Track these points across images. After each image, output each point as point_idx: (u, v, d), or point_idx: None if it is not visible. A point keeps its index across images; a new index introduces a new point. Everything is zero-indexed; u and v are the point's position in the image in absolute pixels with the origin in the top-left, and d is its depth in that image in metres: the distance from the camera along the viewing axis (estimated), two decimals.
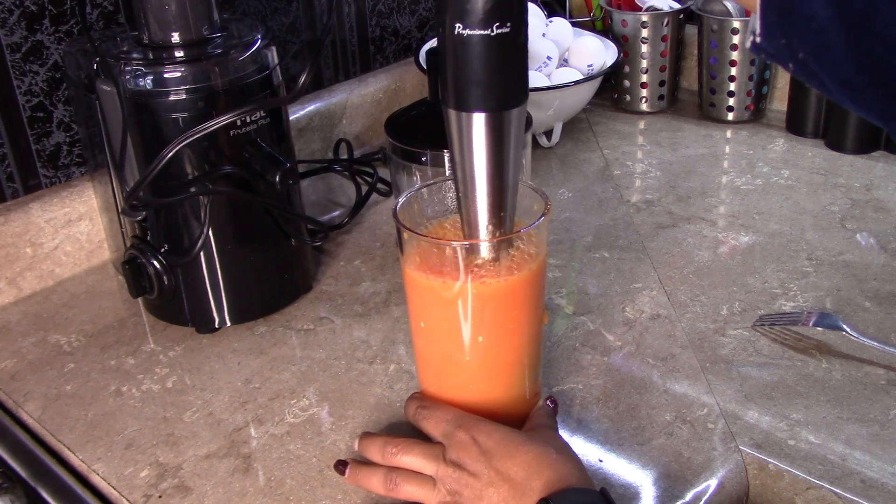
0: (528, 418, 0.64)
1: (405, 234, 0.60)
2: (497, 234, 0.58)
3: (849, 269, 0.86)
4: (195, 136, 0.69)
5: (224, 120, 0.70)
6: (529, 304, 0.61)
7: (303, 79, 0.67)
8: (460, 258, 0.59)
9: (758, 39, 0.43)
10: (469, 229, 0.59)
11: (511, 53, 0.53)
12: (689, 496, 0.63)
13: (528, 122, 0.84)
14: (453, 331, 0.61)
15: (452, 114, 0.55)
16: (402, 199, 0.63)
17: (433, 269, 0.59)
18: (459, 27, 0.51)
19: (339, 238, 0.96)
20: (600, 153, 1.14)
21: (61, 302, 0.88)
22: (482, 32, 0.51)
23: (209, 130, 0.69)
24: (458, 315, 0.60)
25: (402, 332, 0.80)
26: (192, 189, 0.74)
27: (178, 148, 0.69)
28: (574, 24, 1.20)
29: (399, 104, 1.16)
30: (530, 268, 0.60)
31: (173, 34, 0.74)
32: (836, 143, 1.11)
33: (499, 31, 0.51)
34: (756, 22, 0.42)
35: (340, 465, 0.63)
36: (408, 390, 0.73)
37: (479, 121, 0.54)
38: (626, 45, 1.20)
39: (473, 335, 0.61)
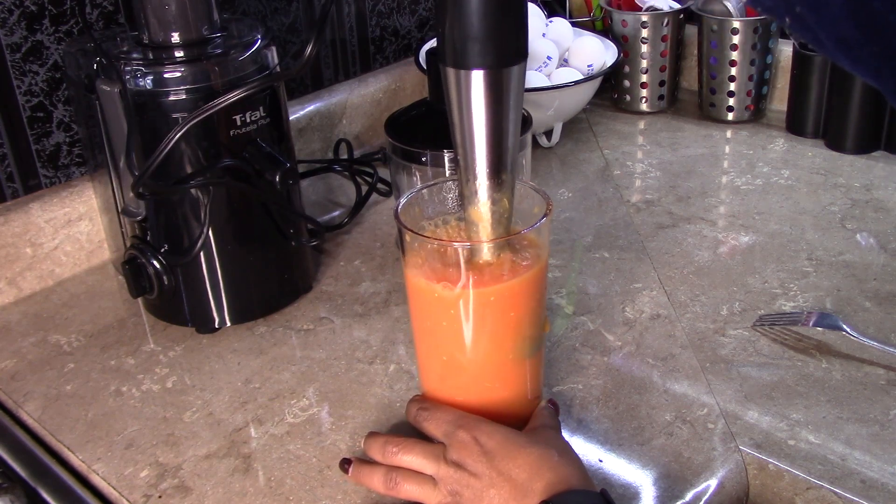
0: (532, 418, 0.64)
1: (407, 236, 0.60)
2: (497, 207, 0.58)
3: (849, 269, 0.86)
4: (205, 114, 0.68)
5: (235, 95, 0.69)
6: (531, 304, 0.61)
7: (308, 49, 0.64)
8: (462, 259, 0.59)
9: None
10: (468, 192, 0.58)
11: (508, 8, 0.52)
12: (689, 496, 0.63)
13: (528, 122, 0.84)
14: (455, 331, 0.61)
15: (451, 72, 0.54)
16: (403, 200, 0.63)
17: (435, 269, 0.59)
18: None
19: (339, 238, 0.96)
20: (600, 153, 1.14)
21: (61, 302, 0.88)
22: None
23: (220, 107, 0.68)
24: (459, 315, 0.60)
25: (402, 332, 0.80)
26: (195, 182, 0.74)
27: (187, 126, 0.68)
28: (574, 24, 1.20)
29: (399, 104, 1.16)
30: (532, 268, 0.60)
31: (173, 34, 0.74)
32: (836, 143, 1.11)
33: None
34: None
35: (345, 464, 0.63)
36: (408, 390, 0.73)
37: (478, 78, 0.54)
38: (626, 45, 1.20)
39: (475, 336, 0.61)
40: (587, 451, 0.66)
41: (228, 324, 0.81)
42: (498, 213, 0.58)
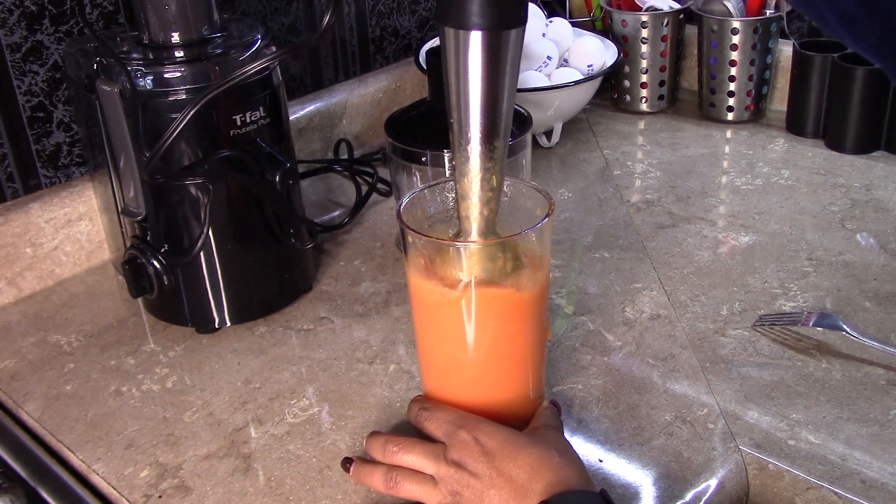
0: (535, 417, 0.64)
1: (409, 236, 0.60)
2: (487, 179, 0.57)
3: (849, 269, 0.86)
4: (215, 92, 0.67)
5: (254, 67, 0.66)
6: (534, 303, 0.61)
7: (327, 18, 0.62)
8: (464, 259, 0.59)
9: None
10: (460, 159, 0.57)
11: None
12: (689, 496, 0.63)
13: (528, 122, 0.84)
14: (457, 331, 0.61)
15: (450, 32, 0.54)
16: (405, 200, 0.63)
17: (437, 269, 0.59)
18: None
19: (339, 238, 0.96)
20: (600, 153, 1.14)
21: (61, 302, 0.88)
22: None
23: (231, 84, 0.67)
24: (461, 315, 0.60)
25: (402, 332, 0.80)
26: (203, 170, 0.73)
27: (200, 105, 0.67)
28: (574, 24, 1.20)
29: (399, 104, 1.16)
30: (535, 266, 0.60)
31: (173, 34, 0.74)
32: (836, 143, 1.11)
33: None
34: None
35: (347, 463, 0.63)
36: (408, 390, 0.73)
37: (476, 39, 0.53)
38: (626, 45, 1.20)
39: (477, 336, 0.61)
40: (587, 451, 0.66)
41: (228, 324, 0.81)
42: (489, 187, 0.58)
